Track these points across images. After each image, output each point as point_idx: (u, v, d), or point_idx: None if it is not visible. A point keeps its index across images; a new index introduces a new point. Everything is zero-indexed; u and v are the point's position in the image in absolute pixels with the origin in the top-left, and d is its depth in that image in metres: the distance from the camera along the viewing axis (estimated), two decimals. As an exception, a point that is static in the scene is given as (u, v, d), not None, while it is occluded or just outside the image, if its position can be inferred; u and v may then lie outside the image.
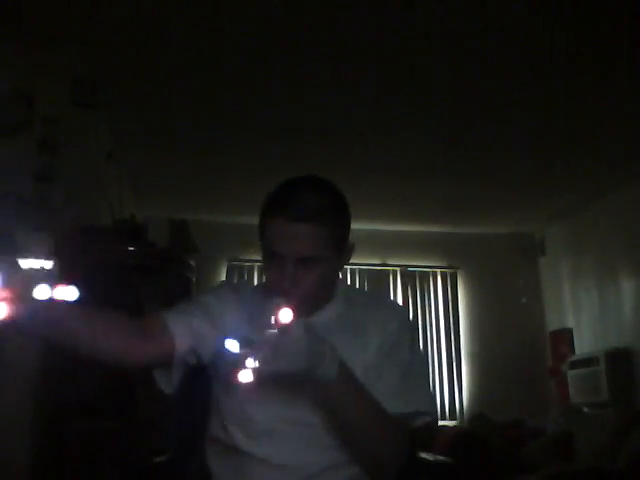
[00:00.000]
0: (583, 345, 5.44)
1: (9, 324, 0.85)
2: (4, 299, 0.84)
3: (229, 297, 1.29)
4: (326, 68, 3.34)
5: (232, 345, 1.01)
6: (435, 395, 5.76)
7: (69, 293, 0.91)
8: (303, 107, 3.78)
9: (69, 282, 0.94)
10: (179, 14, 2.88)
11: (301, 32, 3.03)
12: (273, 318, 1.00)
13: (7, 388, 2.75)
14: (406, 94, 3.60)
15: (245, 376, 1.00)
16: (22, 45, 3.03)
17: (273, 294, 1.16)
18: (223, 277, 5.80)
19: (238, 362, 1.00)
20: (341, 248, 1.23)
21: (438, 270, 6.09)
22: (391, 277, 6.03)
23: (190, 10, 2.85)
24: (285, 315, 1.00)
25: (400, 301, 5.89)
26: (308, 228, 1.14)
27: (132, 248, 3.04)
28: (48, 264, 0.89)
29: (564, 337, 5.65)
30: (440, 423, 5.46)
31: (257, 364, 0.99)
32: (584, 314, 5.46)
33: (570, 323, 5.65)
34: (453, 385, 5.79)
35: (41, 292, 0.89)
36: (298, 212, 1.13)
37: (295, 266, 1.14)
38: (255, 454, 1.17)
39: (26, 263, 0.91)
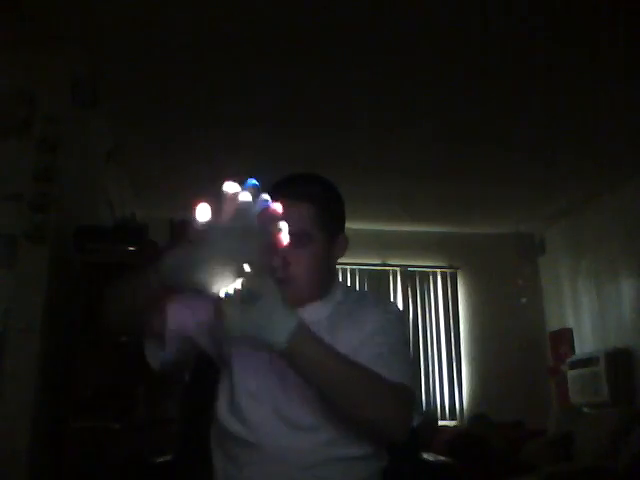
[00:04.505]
0: (583, 345, 5.43)
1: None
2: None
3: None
4: (326, 67, 3.34)
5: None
6: (435, 395, 5.77)
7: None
8: (303, 107, 3.78)
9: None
10: (179, 14, 2.88)
11: (301, 31, 3.03)
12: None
13: (7, 388, 2.75)
14: (406, 93, 3.60)
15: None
16: (22, 45, 3.03)
17: None
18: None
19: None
20: (332, 234, 1.27)
21: (438, 270, 6.10)
22: (391, 277, 6.03)
23: (190, 10, 2.85)
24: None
25: (400, 301, 5.89)
26: (298, 206, 1.20)
27: (132, 248, 3.04)
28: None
29: (564, 337, 5.65)
30: (440, 423, 5.46)
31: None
32: (584, 314, 5.46)
33: (570, 323, 5.65)
34: (453, 385, 5.79)
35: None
36: (289, 192, 1.21)
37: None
38: (251, 443, 1.17)
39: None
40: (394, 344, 1.23)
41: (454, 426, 5.53)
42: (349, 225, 1.34)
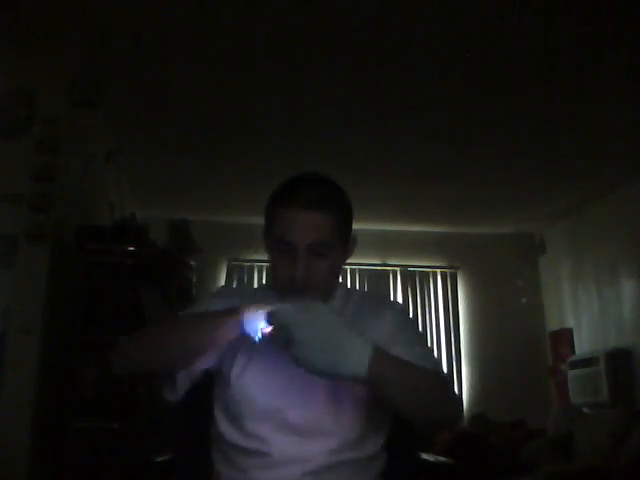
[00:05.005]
0: (583, 345, 5.43)
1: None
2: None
3: (232, 300, 1.27)
4: (326, 68, 3.34)
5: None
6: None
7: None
8: (303, 107, 3.78)
9: None
10: (179, 14, 2.88)
11: (301, 33, 3.03)
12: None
13: (7, 388, 2.75)
14: (407, 94, 3.60)
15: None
16: (22, 45, 3.03)
17: (283, 287, 1.18)
18: (223, 277, 5.80)
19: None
20: (346, 240, 1.26)
21: (438, 270, 6.09)
22: (391, 277, 6.03)
23: (189, 10, 2.85)
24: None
25: (400, 301, 5.88)
26: (320, 215, 1.17)
27: (132, 248, 3.04)
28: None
29: (564, 337, 5.65)
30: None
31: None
32: (584, 314, 5.46)
33: (570, 323, 5.65)
34: (453, 385, 5.78)
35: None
36: (310, 200, 1.17)
37: (307, 254, 1.16)
38: (255, 451, 1.17)
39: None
40: (418, 339, 1.27)
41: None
42: (350, 225, 1.33)
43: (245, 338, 1.12)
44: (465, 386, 5.82)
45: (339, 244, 1.22)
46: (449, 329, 5.94)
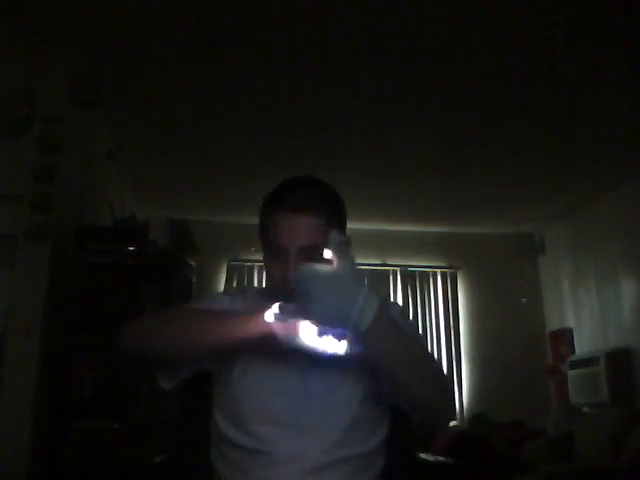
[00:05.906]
0: (583, 345, 5.44)
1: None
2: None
3: (236, 301, 1.30)
4: (326, 68, 3.34)
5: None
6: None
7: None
8: (303, 108, 3.78)
9: None
10: (179, 14, 2.88)
11: (301, 33, 3.03)
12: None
13: (7, 388, 2.75)
14: (406, 94, 3.60)
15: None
16: (22, 45, 3.03)
17: (276, 290, 1.19)
18: (223, 277, 5.79)
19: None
20: None
21: (438, 270, 6.09)
22: (391, 277, 6.03)
23: (190, 10, 2.85)
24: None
25: (400, 301, 5.89)
26: (308, 218, 1.18)
27: (132, 248, 3.04)
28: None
29: (564, 337, 5.65)
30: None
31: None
32: (584, 314, 5.46)
33: (570, 323, 5.65)
34: (453, 385, 5.78)
35: None
36: (298, 203, 1.18)
37: (297, 257, 1.16)
38: (256, 450, 1.17)
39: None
40: (416, 336, 1.28)
41: (454, 426, 5.52)
42: (349, 225, 1.33)
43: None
44: (465, 386, 5.82)
45: None
46: (449, 329, 5.94)
